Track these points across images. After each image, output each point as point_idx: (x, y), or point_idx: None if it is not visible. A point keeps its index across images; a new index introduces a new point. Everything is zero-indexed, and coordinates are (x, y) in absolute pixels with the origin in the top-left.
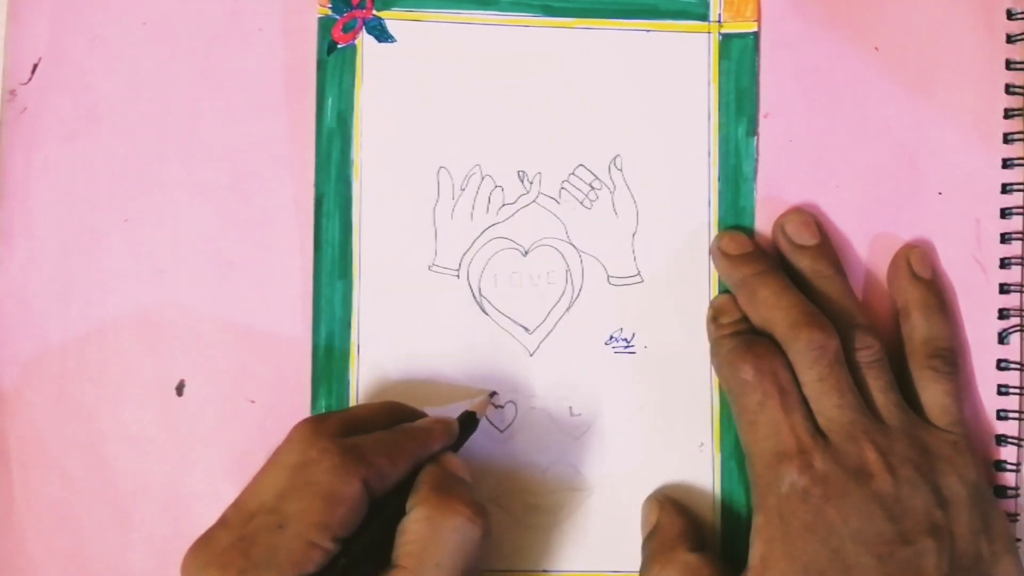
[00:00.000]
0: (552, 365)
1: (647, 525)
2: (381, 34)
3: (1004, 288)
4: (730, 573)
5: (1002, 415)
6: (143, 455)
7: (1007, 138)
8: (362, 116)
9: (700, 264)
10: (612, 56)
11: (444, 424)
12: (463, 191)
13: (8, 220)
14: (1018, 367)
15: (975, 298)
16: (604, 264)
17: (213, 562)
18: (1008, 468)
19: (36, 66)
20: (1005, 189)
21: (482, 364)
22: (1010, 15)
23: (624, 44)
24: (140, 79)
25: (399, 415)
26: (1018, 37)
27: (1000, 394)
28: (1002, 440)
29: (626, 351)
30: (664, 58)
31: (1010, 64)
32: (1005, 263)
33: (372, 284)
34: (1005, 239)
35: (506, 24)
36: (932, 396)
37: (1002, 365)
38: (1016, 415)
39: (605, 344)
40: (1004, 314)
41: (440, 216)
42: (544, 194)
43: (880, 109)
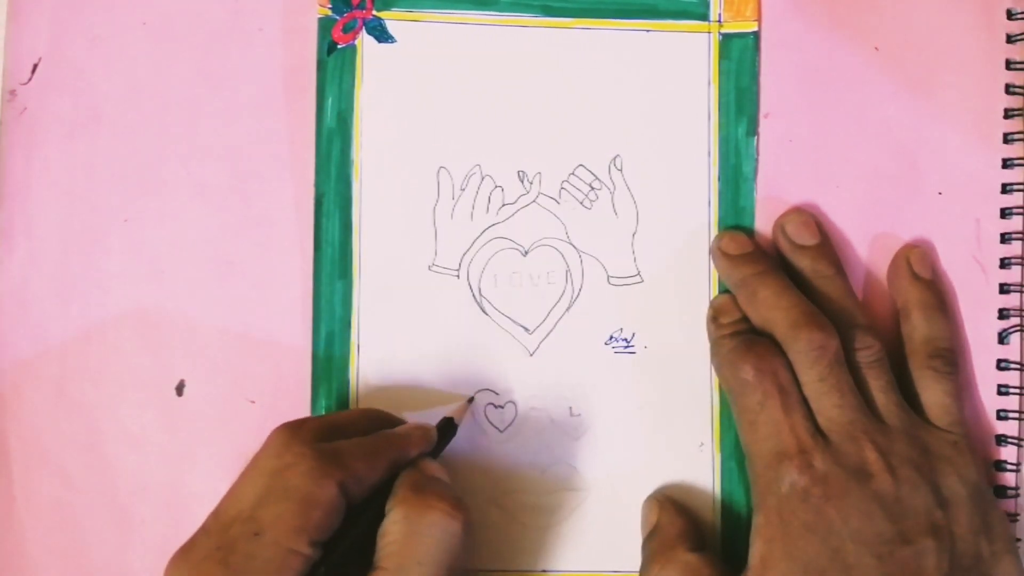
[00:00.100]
0: (552, 365)
1: (647, 525)
2: (381, 34)
3: (1004, 288)
4: (730, 573)
5: (1002, 415)
6: (143, 455)
7: (1007, 138)
8: (362, 116)
9: (700, 264)
10: (612, 56)
11: (422, 430)
12: (463, 191)
13: (8, 220)
14: (1018, 367)
15: (975, 298)
16: (604, 264)
17: (192, 572)
18: (1008, 468)
19: (36, 66)
20: (1005, 189)
21: (482, 364)
22: (1010, 15)
23: (624, 44)
24: (140, 79)
25: (378, 421)
26: (1018, 37)
27: (1000, 394)
28: (1002, 440)
29: (626, 351)
30: (664, 58)
31: (1010, 64)
32: (1005, 263)
33: (372, 284)
34: (1005, 239)
35: (506, 24)
36: (932, 396)
37: (1002, 365)
38: (1016, 415)
39: (605, 344)
40: (1004, 314)
41: (440, 216)
42: (544, 194)
43: (880, 109)
